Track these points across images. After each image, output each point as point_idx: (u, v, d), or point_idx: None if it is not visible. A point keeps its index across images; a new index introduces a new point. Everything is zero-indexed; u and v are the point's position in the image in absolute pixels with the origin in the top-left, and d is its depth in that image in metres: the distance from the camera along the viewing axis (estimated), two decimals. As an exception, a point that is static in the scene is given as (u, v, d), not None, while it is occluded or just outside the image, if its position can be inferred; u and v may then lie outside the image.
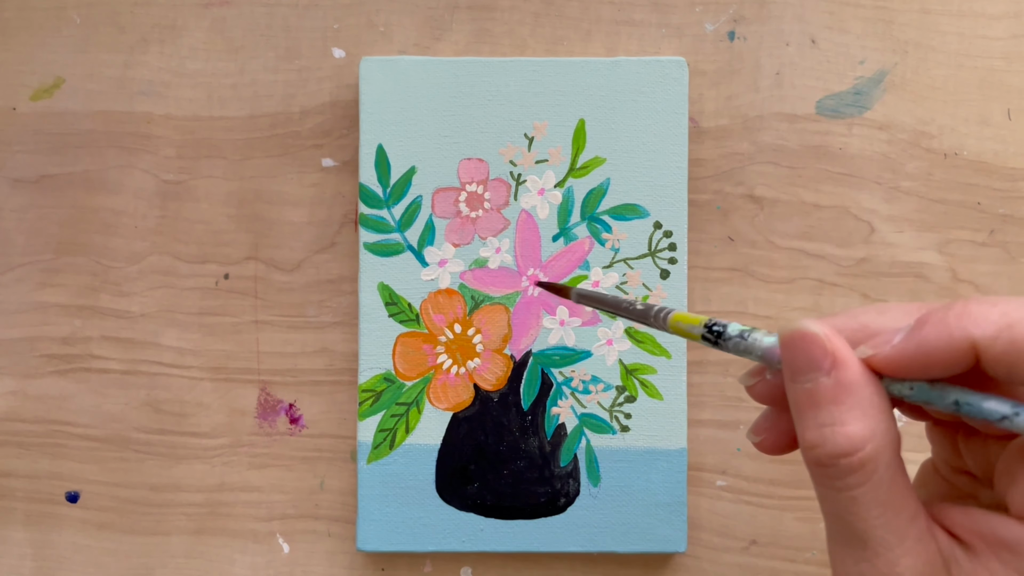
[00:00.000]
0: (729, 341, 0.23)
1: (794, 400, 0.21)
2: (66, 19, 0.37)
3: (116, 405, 0.38)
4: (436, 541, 0.35)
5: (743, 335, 0.23)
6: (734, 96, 0.37)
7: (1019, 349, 0.19)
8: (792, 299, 0.36)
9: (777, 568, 0.36)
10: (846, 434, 0.20)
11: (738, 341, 0.23)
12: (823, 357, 0.20)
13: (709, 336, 0.23)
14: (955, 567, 0.21)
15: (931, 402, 0.20)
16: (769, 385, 0.24)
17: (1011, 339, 0.19)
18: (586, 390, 0.35)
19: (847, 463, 0.20)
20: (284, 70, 0.37)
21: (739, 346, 0.23)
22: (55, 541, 0.38)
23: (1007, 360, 0.19)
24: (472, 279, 0.36)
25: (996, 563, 0.20)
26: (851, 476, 0.20)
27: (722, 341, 0.23)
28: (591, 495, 0.35)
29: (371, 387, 0.35)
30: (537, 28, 0.37)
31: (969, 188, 0.36)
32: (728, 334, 0.23)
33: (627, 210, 0.35)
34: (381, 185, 0.36)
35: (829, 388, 0.20)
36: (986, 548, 0.20)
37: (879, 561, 0.20)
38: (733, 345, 0.23)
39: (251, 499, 0.37)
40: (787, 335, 0.21)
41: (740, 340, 0.23)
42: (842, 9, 0.36)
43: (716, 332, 0.23)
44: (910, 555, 0.20)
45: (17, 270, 0.38)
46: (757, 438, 0.25)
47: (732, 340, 0.23)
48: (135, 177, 0.37)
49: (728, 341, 0.23)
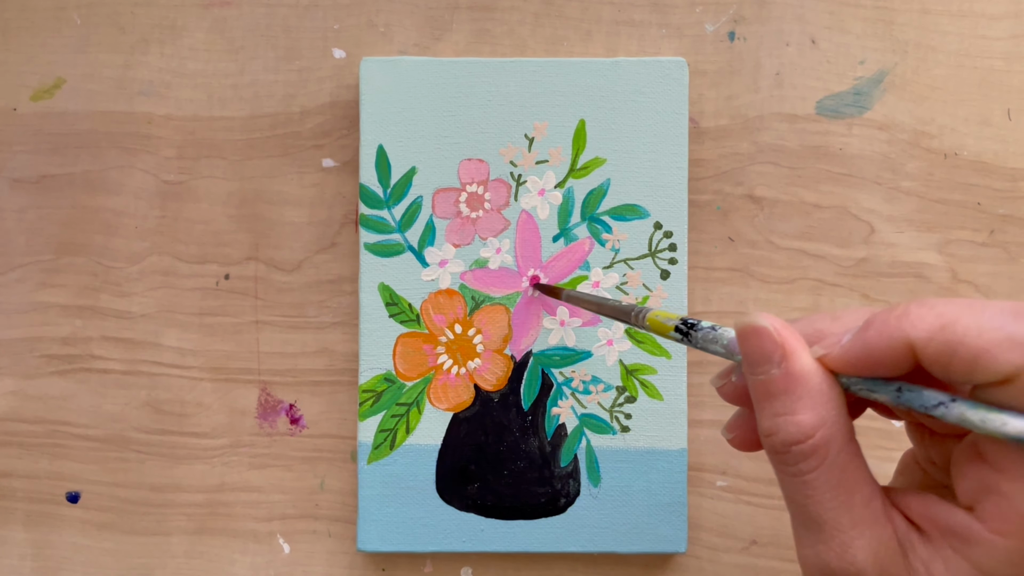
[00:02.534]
0: (699, 333, 0.24)
1: (752, 392, 0.22)
2: (66, 19, 0.37)
3: (116, 405, 0.38)
4: (436, 541, 0.35)
5: (713, 328, 0.24)
6: (734, 96, 0.37)
7: (951, 350, 0.20)
8: (792, 299, 0.36)
9: (777, 568, 0.36)
10: (796, 423, 0.21)
11: (707, 333, 0.24)
12: (773, 349, 0.22)
13: (682, 329, 0.24)
14: (911, 551, 0.21)
15: (876, 391, 0.21)
16: (736, 386, 0.25)
17: (944, 340, 0.20)
18: (586, 390, 0.35)
19: (799, 450, 0.21)
20: (284, 70, 0.37)
21: (708, 338, 0.24)
22: (55, 541, 0.38)
23: (941, 360, 0.20)
24: (472, 279, 0.36)
25: (948, 550, 0.21)
26: (804, 462, 0.21)
27: (693, 333, 0.24)
28: (591, 495, 0.35)
29: (371, 387, 0.35)
30: (537, 28, 0.37)
31: (969, 188, 0.36)
32: (699, 327, 0.24)
33: (627, 210, 0.35)
34: (381, 185, 0.36)
35: (780, 379, 0.22)
36: (939, 535, 0.21)
37: (833, 543, 0.21)
38: (702, 339, 0.24)
39: (251, 499, 0.37)
40: (741, 328, 0.22)
41: (710, 332, 0.24)
42: (842, 9, 0.36)
43: (688, 325, 0.24)
44: (864, 537, 0.21)
45: (17, 270, 0.38)
46: (730, 435, 0.26)
47: (702, 332, 0.24)
48: (135, 177, 0.37)
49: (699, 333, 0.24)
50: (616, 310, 0.29)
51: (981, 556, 0.20)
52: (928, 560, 0.21)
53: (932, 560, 0.21)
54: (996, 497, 0.20)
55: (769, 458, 0.23)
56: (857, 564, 0.21)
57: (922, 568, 0.21)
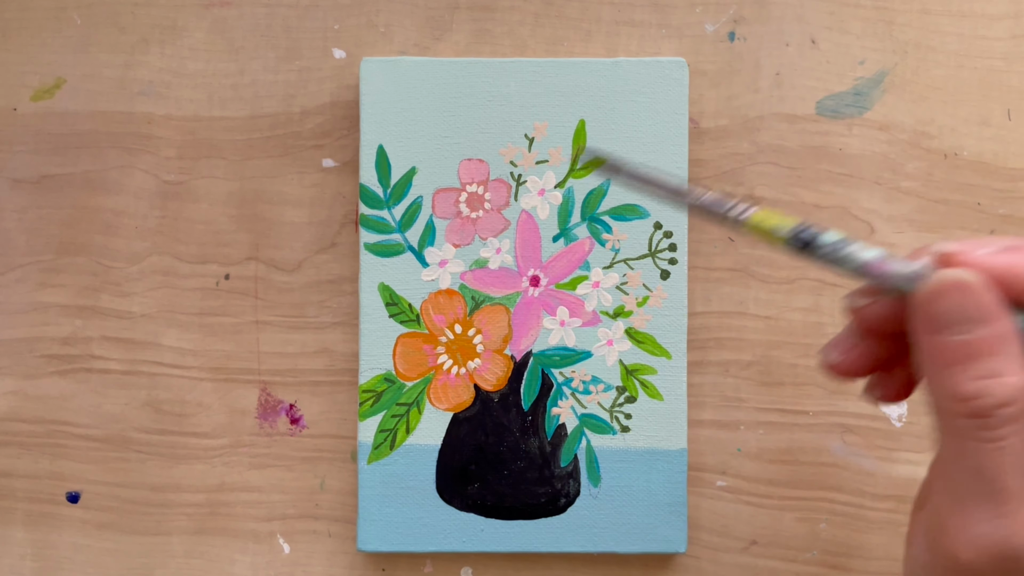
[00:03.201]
0: (826, 248, 0.21)
1: (938, 351, 0.21)
2: (67, 19, 0.37)
3: (117, 405, 0.38)
4: (436, 541, 0.35)
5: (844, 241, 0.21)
6: (734, 96, 0.37)
7: None
8: (792, 299, 0.36)
9: (777, 568, 0.36)
10: (1008, 384, 0.20)
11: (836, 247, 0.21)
12: (980, 308, 0.20)
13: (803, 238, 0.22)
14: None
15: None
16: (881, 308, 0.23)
17: None
18: (586, 390, 0.35)
19: (1007, 413, 0.20)
20: (284, 71, 0.37)
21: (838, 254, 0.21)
22: (55, 541, 0.38)
23: None
24: (472, 279, 0.36)
25: None
26: (1008, 425, 0.20)
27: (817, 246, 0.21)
28: (591, 495, 0.35)
29: (371, 387, 0.35)
30: (537, 28, 0.37)
31: (969, 188, 0.36)
32: (822, 239, 0.21)
33: (627, 210, 0.35)
34: (381, 185, 0.36)
35: (988, 340, 0.20)
36: None
37: (1020, 515, 0.20)
38: (830, 254, 0.21)
39: (251, 499, 0.37)
40: (938, 284, 0.20)
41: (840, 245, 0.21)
42: (842, 9, 0.36)
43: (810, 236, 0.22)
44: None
45: (18, 270, 0.38)
46: (837, 357, 0.24)
47: (829, 247, 0.21)
48: (136, 177, 0.37)
49: (825, 248, 0.21)
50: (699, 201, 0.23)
51: None
52: None
53: None
54: None
55: (954, 424, 0.21)
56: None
57: None
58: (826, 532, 0.36)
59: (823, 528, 0.36)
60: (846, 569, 0.36)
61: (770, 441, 0.36)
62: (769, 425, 0.36)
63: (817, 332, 0.36)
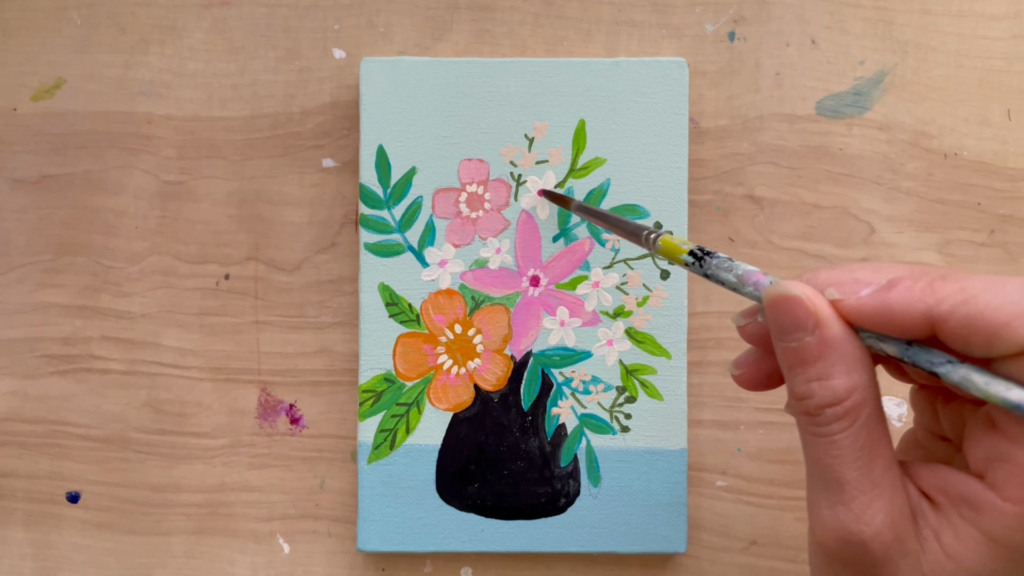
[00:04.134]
0: (714, 260, 0.24)
1: (782, 356, 0.23)
2: (67, 20, 0.37)
3: (116, 405, 0.38)
4: (436, 541, 0.35)
5: (729, 260, 0.24)
6: (734, 96, 0.37)
7: (971, 323, 0.20)
8: (792, 299, 0.36)
9: (777, 568, 0.36)
10: (832, 387, 0.22)
11: (722, 262, 0.24)
12: (807, 318, 0.22)
13: (696, 253, 0.25)
14: (921, 519, 0.22)
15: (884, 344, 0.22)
16: (759, 327, 0.25)
17: (965, 314, 0.20)
18: (586, 390, 0.35)
19: (833, 412, 0.22)
20: (284, 71, 0.37)
21: (722, 267, 0.24)
22: (55, 541, 0.38)
23: (961, 333, 0.20)
24: (472, 279, 0.36)
25: (958, 518, 0.21)
26: (836, 423, 0.22)
27: (707, 260, 0.25)
28: (591, 495, 0.35)
29: (371, 387, 0.35)
30: (537, 29, 0.37)
31: (969, 188, 0.36)
32: (715, 255, 0.25)
33: (627, 210, 0.35)
34: (381, 186, 0.36)
35: (814, 346, 0.22)
36: (949, 503, 0.22)
37: (854, 504, 0.22)
38: (716, 267, 0.24)
39: (251, 499, 0.37)
40: (771, 297, 0.23)
41: (725, 262, 0.24)
42: (842, 9, 0.36)
43: (703, 252, 0.25)
44: (882, 500, 0.22)
45: (18, 270, 0.38)
46: (737, 371, 0.26)
47: (716, 260, 0.24)
48: (135, 177, 0.37)
49: (713, 260, 0.24)
50: (626, 228, 0.29)
51: (991, 523, 0.21)
52: (938, 528, 0.22)
53: (942, 528, 0.22)
54: (1008, 465, 0.21)
55: (797, 420, 0.23)
56: (874, 526, 0.21)
57: (932, 536, 0.22)
58: (826, 532, 0.36)
59: (823, 528, 0.36)
60: (846, 569, 0.36)
61: (770, 441, 0.36)
62: (769, 425, 0.36)
63: (817, 332, 0.36)
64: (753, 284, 0.24)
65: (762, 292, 0.23)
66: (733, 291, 0.24)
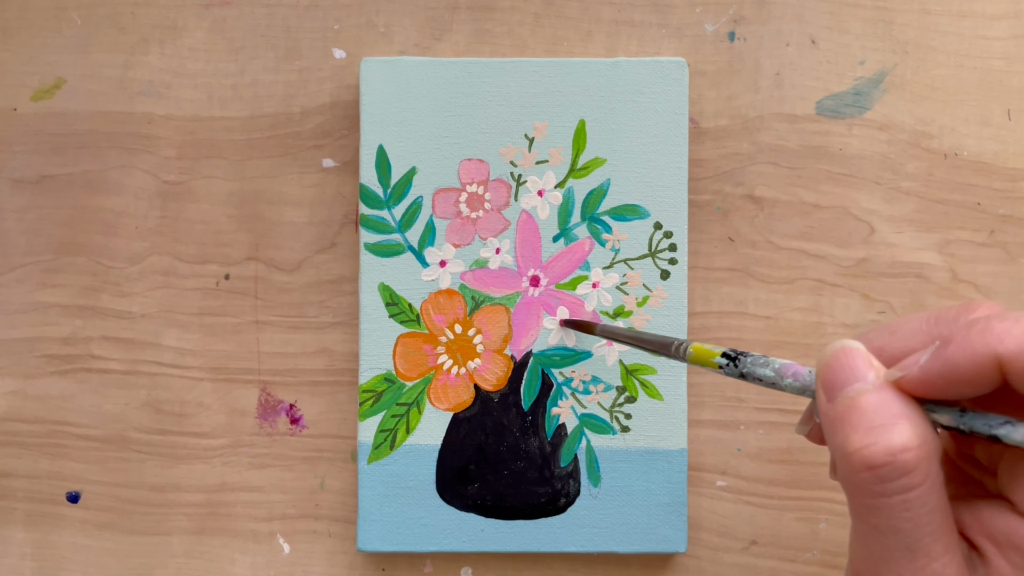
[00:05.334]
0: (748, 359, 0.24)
1: (835, 414, 0.21)
2: (67, 19, 0.37)
3: (116, 405, 0.38)
4: (436, 541, 0.35)
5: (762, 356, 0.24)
6: (734, 96, 0.37)
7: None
8: (792, 299, 0.36)
9: (777, 568, 0.36)
10: (900, 430, 0.20)
11: (756, 359, 0.24)
12: (866, 369, 0.21)
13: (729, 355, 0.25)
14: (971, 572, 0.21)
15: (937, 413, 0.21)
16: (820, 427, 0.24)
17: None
18: (586, 390, 0.35)
19: (902, 461, 0.20)
20: (284, 71, 0.37)
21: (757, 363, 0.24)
22: (55, 541, 0.38)
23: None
24: (472, 279, 0.36)
25: (1007, 566, 0.20)
26: (905, 477, 0.20)
27: (742, 359, 0.24)
28: (591, 495, 0.35)
29: (371, 387, 0.35)
30: (537, 28, 0.37)
31: (969, 188, 0.36)
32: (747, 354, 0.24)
33: (627, 210, 0.35)
34: (382, 185, 0.36)
35: (874, 397, 0.21)
36: (996, 550, 0.20)
37: (928, 571, 0.20)
38: (751, 364, 0.24)
39: (251, 499, 0.37)
40: (829, 354, 0.22)
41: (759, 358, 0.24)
42: (842, 9, 0.36)
43: (735, 352, 0.24)
44: (953, 563, 0.20)
45: (18, 270, 0.38)
46: (806, 429, 0.25)
47: (751, 358, 0.24)
48: (136, 177, 0.37)
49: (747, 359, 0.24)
50: (655, 343, 0.29)
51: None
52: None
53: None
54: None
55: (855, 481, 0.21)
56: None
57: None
58: (826, 532, 0.36)
59: (823, 528, 0.36)
60: (846, 569, 0.36)
61: (770, 441, 0.36)
62: (769, 425, 0.36)
63: (817, 332, 0.36)
64: (792, 375, 0.23)
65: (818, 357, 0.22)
66: (771, 386, 0.23)
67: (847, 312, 0.36)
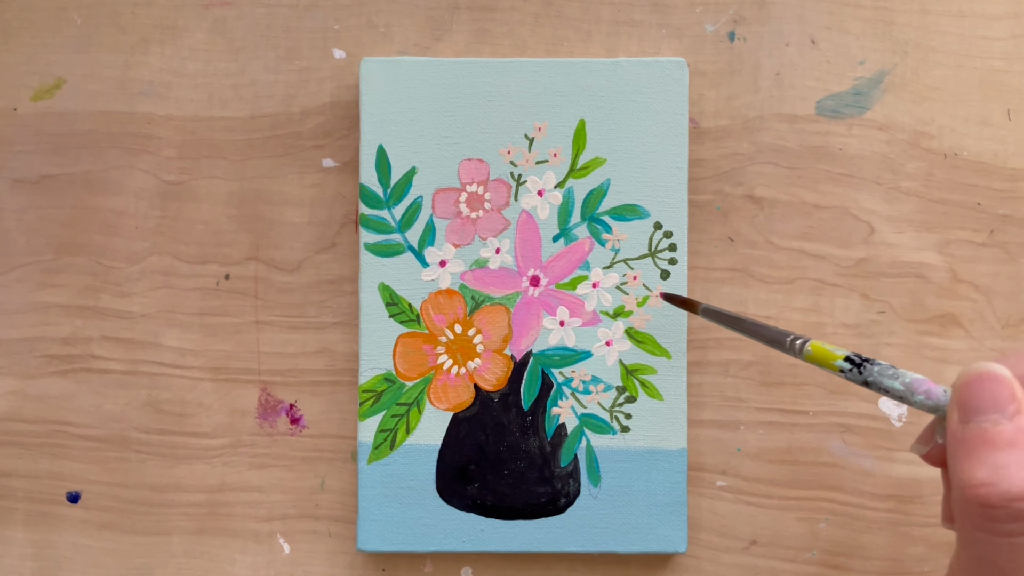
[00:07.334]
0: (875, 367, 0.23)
1: (964, 439, 0.21)
2: (67, 20, 0.37)
3: (117, 405, 0.38)
4: (436, 541, 0.35)
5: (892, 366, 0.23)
6: (734, 96, 0.37)
7: None
8: (792, 299, 0.36)
9: (777, 568, 0.36)
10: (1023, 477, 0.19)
11: (885, 369, 0.23)
12: (1009, 400, 0.20)
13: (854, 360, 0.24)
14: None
15: None
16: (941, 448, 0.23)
17: None
18: (586, 390, 0.35)
19: (1017, 509, 0.19)
20: (285, 71, 0.37)
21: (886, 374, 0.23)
22: (56, 541, 0.38)
23: None
24: (472, 279, 0.36)
25: None
26: (1017, 523, 0.19)
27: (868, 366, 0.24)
28: (591, 495, 0.35)
29: (371, 387, 0.35)
30: (537, 29, 0.37)
31: (969, 188, 0.36)
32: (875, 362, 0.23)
33: (627, 210, 0.35)
34: (382, 186, 0.36)
35: (1009, 431, 0.20)
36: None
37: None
38: (879, 374, 0.23)
39: (251, 499, 0.37)
40: (970, 375, 0.21)
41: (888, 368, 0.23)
42: (842, 9, 0.36)
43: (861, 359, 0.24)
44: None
45: (18, 270, 0.38)
46: (924, 449, 0.25)
47: (878, 367, 0.23)
48: (136, 177, 0.37)
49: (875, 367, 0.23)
50: (766, 335, 0.27)
51: None
52: None
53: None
54: None
55: (968, 511, 0.20)
56: None
57: None
58: (826, 532, 0.36)
59: (823, 528, 0.36)
60: (846, 569, 0.36)
61: (770, 441, 0.36)
62: (769, 425, 0.36)
63: (817, 332, 0.36)
64: (924, 393, 0.22)
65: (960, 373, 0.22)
66: (897, 399, 0.23)
67: (847, 312, 0.36)
